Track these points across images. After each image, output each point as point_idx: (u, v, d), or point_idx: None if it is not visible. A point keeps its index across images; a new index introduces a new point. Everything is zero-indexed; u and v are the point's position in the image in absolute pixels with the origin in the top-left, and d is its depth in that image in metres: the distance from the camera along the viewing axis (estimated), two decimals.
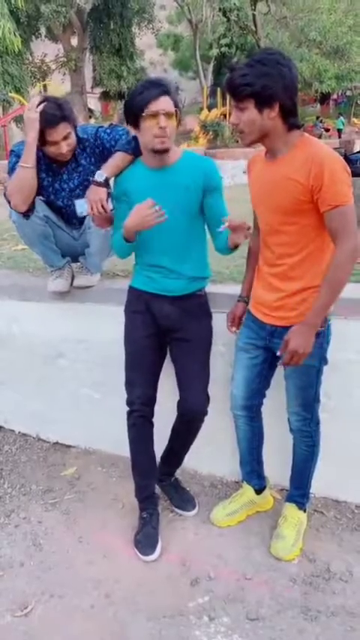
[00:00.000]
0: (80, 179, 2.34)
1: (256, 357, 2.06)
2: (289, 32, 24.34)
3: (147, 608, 1.90)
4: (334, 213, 1.68)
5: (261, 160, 1.90)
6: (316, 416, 2.06)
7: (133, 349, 2.18)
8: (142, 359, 2.17)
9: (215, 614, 1.87)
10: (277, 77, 1.64)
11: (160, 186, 2.02)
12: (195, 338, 2.17)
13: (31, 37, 22.30)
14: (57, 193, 2.38)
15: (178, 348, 2.19)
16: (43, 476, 2.67)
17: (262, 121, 1.70)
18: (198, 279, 2.17)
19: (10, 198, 2.20)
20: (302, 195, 1.72)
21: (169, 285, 2.12)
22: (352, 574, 2.04)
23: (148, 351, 2.17)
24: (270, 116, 1.69)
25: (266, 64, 1.65)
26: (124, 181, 2.09)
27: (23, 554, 2.16)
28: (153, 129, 1.88)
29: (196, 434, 2.24)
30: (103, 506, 2.44)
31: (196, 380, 2.15)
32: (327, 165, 1.66)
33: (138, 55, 25.05)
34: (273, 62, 1.65)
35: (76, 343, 2.69)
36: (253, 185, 1.94)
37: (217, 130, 16.78)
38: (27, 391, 2.91)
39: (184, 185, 2.01)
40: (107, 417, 2.63)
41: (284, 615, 1.87)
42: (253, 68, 1.65)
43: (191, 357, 2.16)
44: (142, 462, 2.22)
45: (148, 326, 2.16)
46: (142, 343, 2.16)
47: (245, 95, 1.67)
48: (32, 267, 3.02)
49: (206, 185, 2.04)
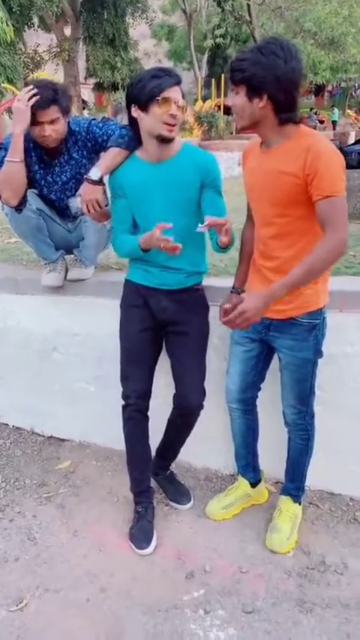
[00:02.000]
0: (72, 172, 2.31)
1: (252, 350, 2.05)
2: (284, 22, 24.18)
3: (142, 602, 1.90)
4: (325, 203, 1.64)
5: (256, 150, 1.88)
6: (311, 409, 2.05)
7: (128, 343, 2.17)
8: (137, 353, 2.16)
9: (211, 608, 1.87)
10: (269, 68, 1.61)
11: (158, 181, 1.98)
12: (192, 331, 2.15)
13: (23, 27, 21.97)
14: (50, 186, 2.35)
15: (175, 342, 2.17)
16: (37, 470, 2.66)
17: (251, 108, 1.69)
18: (195, 274, 2.15)
19: (1, 192, 2.17)
20: (296, 186, 1.69)
21: (166, 278, 2.10)
22: (347, 566, 2.05)
23: (144, 345, 2.16)
24: (258, 106, 1.67)
25: (263, 52, 1.62)
26: (120, 177, 2.04)
27: (18, 548, 2.16)
28: (164, 115, 1.85)
29: (192, 427, 2.23)
30: (97, 500, 2.43)
31: (192, 374, 2.14)
32: (323, 156, 1.64)
33: (132, 46, 24.79)
34: (268, 52, 1.62)
35: (71, 336, 2.68)
36: (248, 176, 1.92)
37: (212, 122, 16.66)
38: (21, 385, 2.89)
39: (182, 181, 1.97)
40: (102, 411, 2.63)
41: (280, 608, 1.87)
42: (252, 54, 1.64)
43: (188, 351, 2.15)
44: (138, 456, 2.22)
45: (145, 320, 2.15)
46: (138, 337, 2.15)
47: (238, 80, 1.67)
48: (26, 259, 3.00)
49: (205, 181, 1.99)
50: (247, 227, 2.08)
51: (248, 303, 1.69)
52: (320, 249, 1.66)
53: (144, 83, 1.85)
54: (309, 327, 1.90)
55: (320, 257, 1.66)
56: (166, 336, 2.21)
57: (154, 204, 2.01)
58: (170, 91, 1.84)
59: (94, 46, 22.99)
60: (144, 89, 1.85)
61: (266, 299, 1.69)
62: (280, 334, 1.93)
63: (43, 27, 23.76)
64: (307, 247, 1.78)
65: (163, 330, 2.19)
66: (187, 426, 2.24)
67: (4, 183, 2.15)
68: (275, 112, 1.69)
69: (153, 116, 1.87)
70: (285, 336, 1.93)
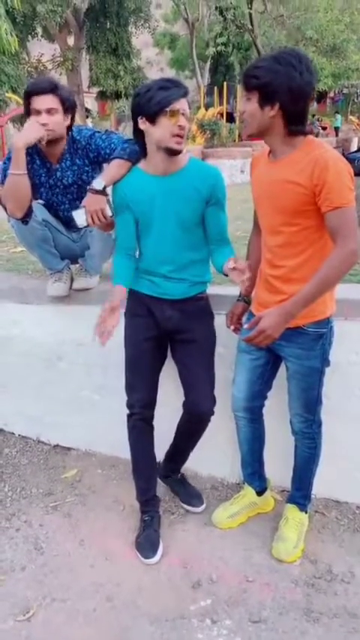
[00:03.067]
0: (75, 177, 2.34)
1: (258, 359, 2.06)
2: (286, 30, 24.34)
3: (149, 611, 1.90)
4: (335, 214, 1.66)
5: (264, 160, 1.89)
6: (318, 417, 2.06)
7: (133, 352, 2.17)
8: (142, 362, 2.16)
9: (217, 617, 1.87)
10: (284, 78, 1.63)
11: (163, 194, 1.98)
12: (199, 339, 2.16)
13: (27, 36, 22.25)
14: (52, 189, 2.38)
15: (183, 350, 2.18)
16: (43, 479, 2.66)
17: (261, 116, 1.70)
18: (199, 284, 2.16)
19: (6, 204, 2.19)
20: (304, 197, 1.71)
21: (170, 288, 2.11)
22: (354, 575, 2.04)
23: (149, 354, 2.16)
24: (269, 114, 1.69)
25: (280, 62, 1.64)
26: (125, 191, 2.04)
27: (25, 557, 2.16)
28: (173, 127, 1.86)
29: (202, 434, 2.24)
30: (104, 509, 2.43)
31: (202, 380, 2.15)
32: (331, 167, 1.65)
33: (135, 55, 24.98)
34: (285, 62, 1.64)
35: (76, 346, 2.69)
36: (255, 185, 1.93)
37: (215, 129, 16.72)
38: (27, 394, 2.90)
39: (188, 195, 1.97)
40: (107, 419, 2.63)
41: (286, 617, 1.87)
42: (267, 62, 1.66)
43: (196, 358, 2.16)
44: (143, 465, 2.22)
45: (149, 329, 2.15)
46: (142, 346, 2.15)
47: (252, 86, 1.68)
48: (31, 269, 3.01)
49: (210, 197, 2.00)
50: (254, 236, 2.10)
51: (266, 322, 1.74)
52: (332, 261, 1.68)
53: (151, 94, 1.85)
54: (316, 336, 1.91)
55: (333, 269, 1.68)
56: (173, 345, 2.21)
57: (158, 217, 2.01)
58: (179, 102, 1.85)
59: (97, 55, 23.20)
60: (152, 101, 1.84)
61: (283, 316, 1.73)
62: (287, 343, 1.94)
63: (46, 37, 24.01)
64: (315, 255, 1.80)
65: (169, 339, 2.20)
66: (197, 433, 2.25)
67: (9, 196, 2.17)
68: (285, 122, 1.71)
69: (161, 128, 1.87)
70: (292, 344, 1.93)
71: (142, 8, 23.99)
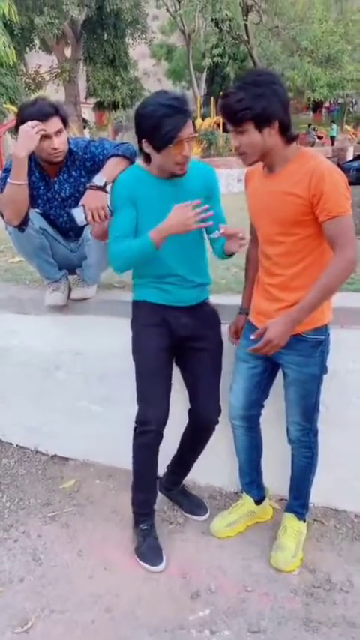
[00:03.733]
0: (72, 189, 2.37)
1: (256, 368, 2.07)
2: (282, 42, 24.55)
3: (148, 622, 1.89)
4: (333, 223, 1.69)
5: (259, 174, 1.92)
6: (315, 426, 2.06)
7: (150, 363, 2.11)
8: (159, 374, 2.11)
9: (216, 628, 1.86)
10: (274, 96, 1.68)
11: (171, 194, 2.00)
12: (212, 347, 2.18)
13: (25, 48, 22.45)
14: (50, 202, 2.40)
15: (195, 358, 2.17)
16: (41, 489, 2.66)
17: (263, 141, 1.74)
18: (204, 287, 2.18)
19: (3, 212, 2.22)
20: (302, 207, 1.74)
21: (183, 295, 2.11)
22: (353, 584, 2.04)
23: (164, 365, 2.13)
24: (271, 134, 1.73)
25: (260, 84, 1.68)
26: (128, 186, 2.04)
27: (23, 568, 2.15)
28: (177, 157, 1.88)
29: (206, 443, 2.24)
30: (102, 519, 2.43)
31: (211, 390, 2.16)
32: (327, 177, 1.68)
33: (131, 66, 25.22)
34: (266, 82, 1.69)
35: (74, 355, 2.69)
36: (252, 199, 1.96)
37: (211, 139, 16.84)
38: (25, 404, 2.90)
39: (188, 194, 1.99)
40: (105, 430, 2.63)
41: (286, 627, 1.86)
42: (248, 91, 1.68)
43: (206, 368, 2.17)
44: (148, 479, 2.19)
45: (163, 339, 2.12)
46: (158, 357, 2.11)
47: (247, 119, 1.69)
48: (29, 279, 3.02)
49: (208, 192, 2.07)
50: (252, 247, 2.11)
51: (272, 332, 1.77)
52: (332, 269, 1.71)
53: (156, 123, 1.81)
54: (315, 343, 1.92)
55: (333, 277, 1.72)
56: (183, 353, 2.19)
57: (163, 217, 1.98)
58: (183, 131, 1.84)
59: (94, 66, 23.42)
60: (158, 131, 1.82)
61: (289, 324, 1.76)
62: (286, 350, 1.94)
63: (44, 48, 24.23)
64: (313, 263, 1.82)
65: (180, 347, 2.17)
66: (202, 442, 2.25)
67: (7, 205, 2.19)
68: (282, 134, 1.75)
69: (166, 157, 1.89)
70: (291, 352, 1.94)
71: (139, 20, 24.26)
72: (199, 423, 2.18)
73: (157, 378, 2.11)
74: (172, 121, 1.81)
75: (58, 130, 2.20)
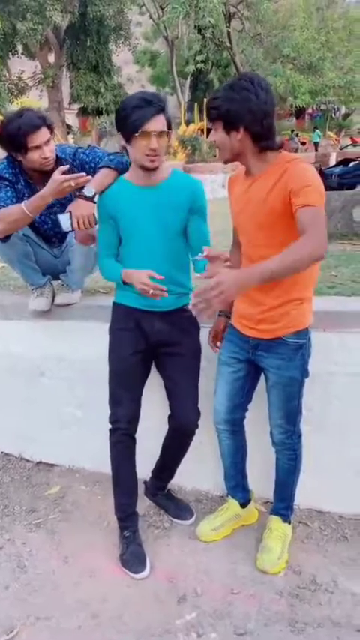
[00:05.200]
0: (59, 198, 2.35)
1: (239, 371, 2.08)
2: (264, 49, 24.80)
3: (134, 627, 1.89)
4: (304, 212, 1.64)
5: (241, 179, 1.94)
6: (298, 428, 2.08)
7: (120, 366, 2.17)
8: (129, 376, 2.16)
9: (203, 631, 1.87)
10: (241, 102, 1.71)
11: (147, 205, 2.03)
12: (187, 353, 2.18)
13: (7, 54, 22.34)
14: None
15: (169, 364, 2.19)
16: (27, 496, 2.64)
17: (230, 142, 1.78)
18: (184, 294, 2.19)
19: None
20: (281, 208, 1.74)
21: (158, 301, 2.11)
22: (338, 584, 2.06)
23: (135, 368, 2.17)
24: (237, 138, 1.76)
25: (234, 89, 1.73)
26: (109, 200, 2.09)
27: (8, 576, 2.13)
28: (144, 148, 1.91)
29: (188, 447, 2.25)
30: (88, 525, 2.42)
31: (187, 395, 2.16)
32: (299, 172, 1.71)
33: (115, 72, 25.23)
34: (240, 88, 1.72)
35: (59, 361, 2.69)
36: (234, 203, 1.98)
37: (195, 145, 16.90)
38: (9, 410, 2.89)
39: (170, 205, 2.02)
40: (90, 435, 2.62)
41: (272, 628, 1.87)
42: (224, 93, 1.75)
43: (183, 372, 2.18)
44: (125, 480, 2.21)
45: (137, 343, 2.16)
46: (129, 360, 2.15)
47: (214, 118, 1.78)
48: (13, 285, 3.01)
49: (192, 207, 2.06)
50: (233, 253, 2.13)
51: (223, 277, 1.57)
52: (298, 245, 1.60)
53: (126, 114, 1.89)
54: (296, 347, 1.94)
55: (296, 252, 1.59)
56: (159, 358, 2.22)
57: (142, 226, 2.05)
58: (150, 123, 1.88)
59: (77, 72, 23.39)
60: (127, 121, 1.89)
61: (241, 277, 1.60)
62: (267, 354, 1.97)
63: (27, 54, 24.13)
64: None
65: (156, 353, 2.21)
66: (183, 447, 2.26)
67: (4, 222, 2.14)
68: (254, 141, 1.77)
69: (135, 148, 1.93)
70: (273, 355, 1.96)
71: (122, 26, 24.30)
72: (177, 428, 2.19)
73: (127, 381, 2.16)
74: (140, 112, 1.88)
75: (47, 139, 2.21)
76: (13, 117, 2.21)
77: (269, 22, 23.44)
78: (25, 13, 19.31)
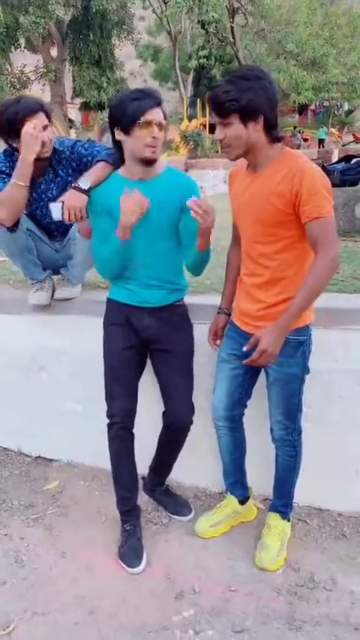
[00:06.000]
0: (59, 190, 2.35)
1: (238, 368, 2.07)
2: (267, 44, 24.69)
3: (131, 623, 1.88)
4: (315, 225, 1.70)
5: (242, 174, 1.93)
6: (298, 425, 2.07)
7: (112, 362, 2.17)
8: (121, 371, 2.16)
9: (200, 628, 1.86)
10: (261, 91, 1.69)
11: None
12: (177, 349, 2.17)
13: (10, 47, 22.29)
14: (35, 202, 2.38)
15: (161, 360, 2.19)
16: (25, 491, 2.63)
17: (247, 134, 1.74)
18: (176, 291, 2.18)
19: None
20: (284, 208, 1.75)
21: (148, 296, 2.12)
22: (336, 582, 2.05)
23: (129, 363, 2.17)
24: (255, 129, 1.73)
25: (248, 78, 1.69)
26: (103, 195, 2.07)
27: (5, 571, 2.13)
28: (146, 138, 1.89)
29: (183, 443, 2.25)
30: (86, 521, 2.41)
31: (180, 391, 2.16)
32: (309, 178, 1.69)
33: (118, 66, 25.18)
34: (254, 77, 1.70)
35: (58, 356, 2.68)
36: (235, 199, 1.97)
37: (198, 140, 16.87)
38: (8, 404, 2.88)
39: (163, 201, 2.00)
40: (89, 430, 2.60)
41: (269, 626, 1.87)
42: (236, 84, 1.69)
43: (174, 369, 2.17)
44: (125, 475, 2.21)
45: (128, 338, 2.16)
46: (121, 356, 2.16)
47: (232, 111, 1.70)
48: (13, 279, 3.00)
49: (184, 206, 1.99)
50: (233, 249, 2.12)
51: (264, 342, 1.77)
52: (316, 270, 1.72)
53: (125, 105, 1.89)
54: (296, 344, 1.93)
55: (318, 277, 1.73)
56: (152, 355, 2.22)
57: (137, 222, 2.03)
58: (151, 113, 1.88)
59: (80, 66, 23.34)
60: (125, 112, 1.88)
61: (280, 330, 1.77)
62: None
63: (29, 48, 24.09)
64: (295, 265, 1.84)
65: (148, 349, 2.21)
66: (178, 443, 2.25)
67: (5, 204, 2.16)
68: (266, 132, 1.76)
69: (135, 139, 1.91)
70: None
71: (126, 21, 24.25)
72: (171, 425, 2.19)
73: (121, 377, 2.16)
74: (139, 103, 1.87)
75: (45, 125, 2.19)
76: (10, 103, 2.19)
77: (273, 18, 23.34)
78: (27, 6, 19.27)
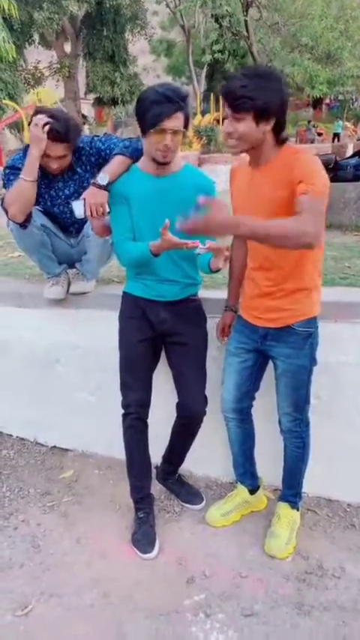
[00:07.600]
0: (76, 186, 2.40)
1: (247, 361, 2.11)
2: (281, 38, 24.45)
3: (144, 606, 1.95)
4: (303, 198, 1.64)
5: (244, 168, 1.94)
6: (306, 417, 2.11)
7: (128, 353, 2.23)
8: (137, 363, 2.22)
9: (211, 611, 1.92)
10: (277, 93, 1.69)
11: (159, 192, 2.06)
12: (191, 342, 2.22)
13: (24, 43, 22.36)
14: (53, 200, 2.44)
15: (176, 353, 2.24)
16: (41, 479, 2.71)
17: (257, 133, 1.74)
18: (190, 285, 2.22)
19: (8, 208, 2.25)
20: (289, 198, 1.72)
21: (163, 290, 2.17)
22: (344, 570, 2.09)
23: (143, 355, 2.22)
24: (265, 129, 1.74)
25: (266, 78, 1.68)
26: (122, 186, 2.11)
27: (22, 555, 2.20)
28: (158, 144, 1.94)
29: (195, 434, 2.30)
30: (100, 508, 2.48)
31: (194, 383, 2.20)
32: (305, 163, 1.70)
33: (131, 61, 25.14)
34: (272, 77, 1.70)
35: (73, 349, 2.74)
36: (237, 196, 1.99)
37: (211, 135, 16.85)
38: (24, 396, 2.95)
39: (180, 197, 2.04)
40: (103, 421, 2.68)
41: (278, 611, 1.92)
42: (253, 81, 1.66)
43: (189, 361, 2.22)
44: (138, 463, 2.27)
45: (143, 331, 2.21)
46: (137, 348, 2.21)
47: (246, 108, 1.68)
48: (28, 273, 3.07)
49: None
50: (235, 244, 2.14)
51: (213, 216, 1.61)
52: (292, 224, 1.60)
53: (145, 108, 1.89)
54: (305, 335, 1.97)
55: (282, 229, 1.61)
56: (167, 348, 2.27)
57: (151, 216, 2.07)
58: (168, 121, 1.88)
59: (93, 62, 23.33)
60: (145, 115, 1.90)
61: (233, 222, 1.63)
62: (277, 343, 2.00)
63: (43, 44, 24.13)
64: (302, 256, 1.85)
65: (163, 342, 2.26)
66: (191, 434, 2.30)
67: (14, 200, 2.23)
68: (275, 133, 1.77)
69: (148, 142, 1.97)
70: (282, 344, 1.99)
71: (139, 15, 24.17)
72: (185, 416, 2.23)
73: (136, 368, 2.21)
74: (158, 108, 1.86)
75: (60, 155, 2.27)
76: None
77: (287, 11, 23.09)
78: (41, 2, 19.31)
